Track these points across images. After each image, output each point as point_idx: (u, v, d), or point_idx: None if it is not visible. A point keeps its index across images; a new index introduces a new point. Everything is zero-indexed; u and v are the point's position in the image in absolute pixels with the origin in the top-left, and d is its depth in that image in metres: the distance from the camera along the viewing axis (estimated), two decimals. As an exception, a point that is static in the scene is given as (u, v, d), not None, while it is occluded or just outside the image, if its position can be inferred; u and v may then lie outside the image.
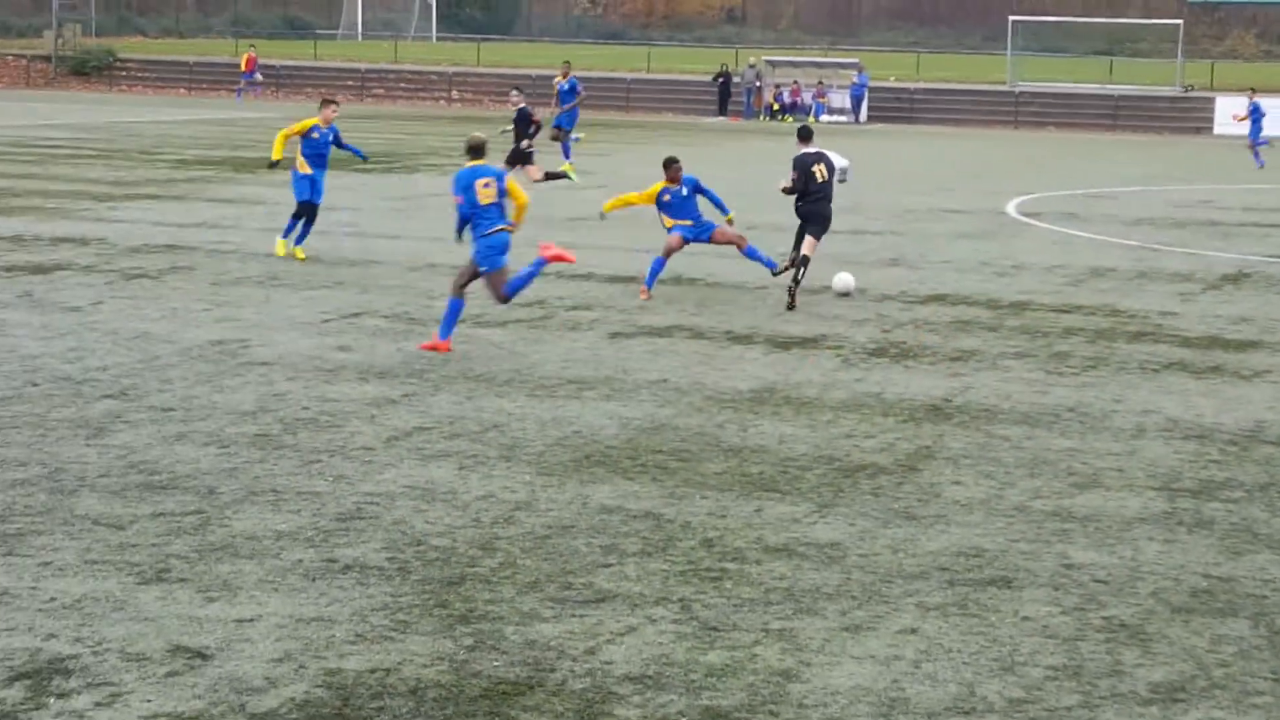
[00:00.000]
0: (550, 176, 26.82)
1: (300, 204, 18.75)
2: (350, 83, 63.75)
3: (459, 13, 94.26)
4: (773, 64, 61.81)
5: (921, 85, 60.33)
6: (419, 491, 9.53)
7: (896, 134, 51.09)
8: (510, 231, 13.73)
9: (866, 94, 57.05)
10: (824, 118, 56.71)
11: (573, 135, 31.70)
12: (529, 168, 26.40)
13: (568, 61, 35.09)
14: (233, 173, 29.79)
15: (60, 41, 68.21)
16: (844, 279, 17.56)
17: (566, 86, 32.19)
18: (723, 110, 57.23)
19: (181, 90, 63.96)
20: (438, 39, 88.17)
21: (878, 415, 11.79)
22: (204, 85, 63.64)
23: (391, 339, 14.18)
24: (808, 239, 16.89)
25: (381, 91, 64.10)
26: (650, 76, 63.85)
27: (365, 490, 9.52)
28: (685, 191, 16.98)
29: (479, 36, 79.52)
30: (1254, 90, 41.25)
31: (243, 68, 60.32)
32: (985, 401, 12.33)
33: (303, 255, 18.75)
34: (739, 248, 17.39)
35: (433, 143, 40.29)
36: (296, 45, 73.74)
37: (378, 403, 11.74)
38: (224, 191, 26.39)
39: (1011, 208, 27.18)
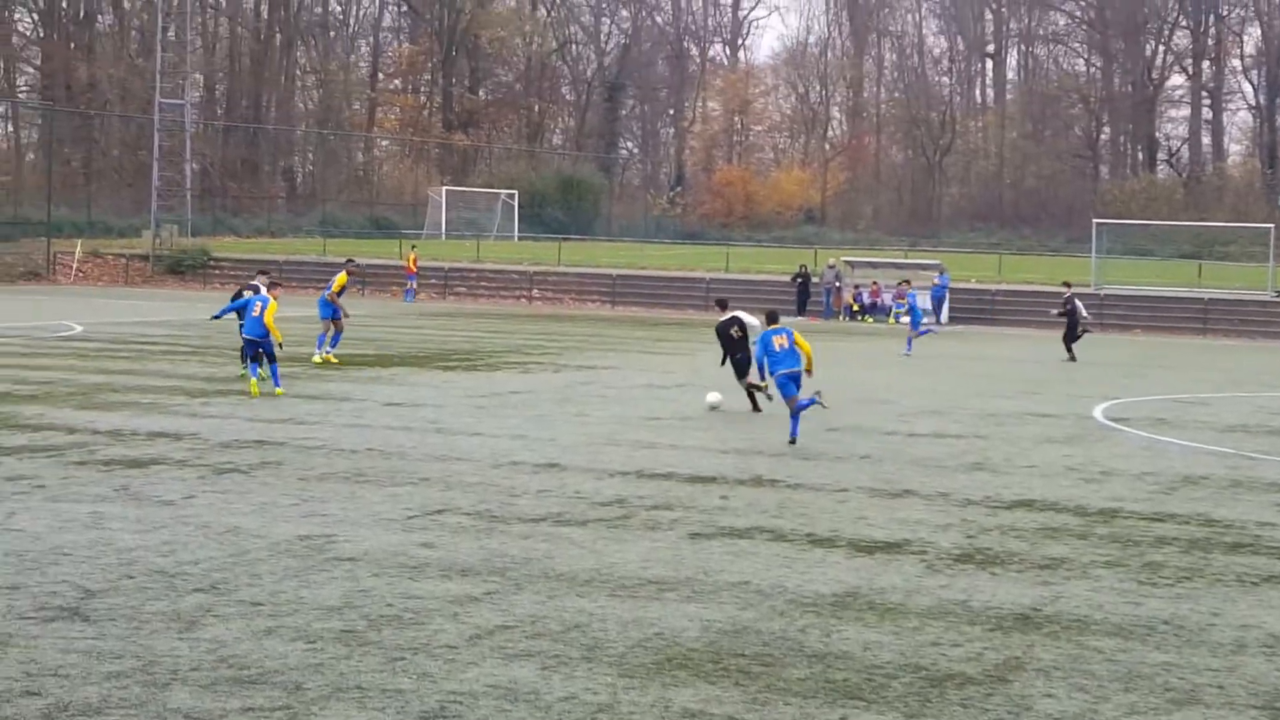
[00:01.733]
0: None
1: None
2: (434, 280, 64.82)
3: (541, 213, 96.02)
4: (852, 264, 62.22)
5: (1003, 286, 60.46)
6: (501, 691, 9.50)
7: (978, 336, 51.17)
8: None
9: (948, 295, 57.15)
10: (904, 319, 56.92)
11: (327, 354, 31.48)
12: None
13: (351, 259, 39.08)
14: (319, 370, 30.24)
15: (158, 241, 70.31)
16: (714, 396, 24.86)
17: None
18: (801, 310, 57.50)
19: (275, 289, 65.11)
20: (519, 238, 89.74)
21: (964, 623, 11.65)
22: (293, 283, 64.50)
23: (474, 536, 14.23)
24: (747, 379, 24.73)
25: (464, 289, 65.11)
26: (729, 276, 64.41)
27: (449, 689, 9.50)
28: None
29: (559, 236, 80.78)
30: (908, 282, 44.19)
31: (408, 269, 61.29)
32: (1076, 611, 12.15)
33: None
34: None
35: (515, 340, 40.77)
36: (382, 244, 75.29)
37: (460, 600, 11.76)
38: (310, 388, 26.77)
39: (1099, 412, 27.01)
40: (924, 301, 57.65)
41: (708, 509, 16.17)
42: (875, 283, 59.62)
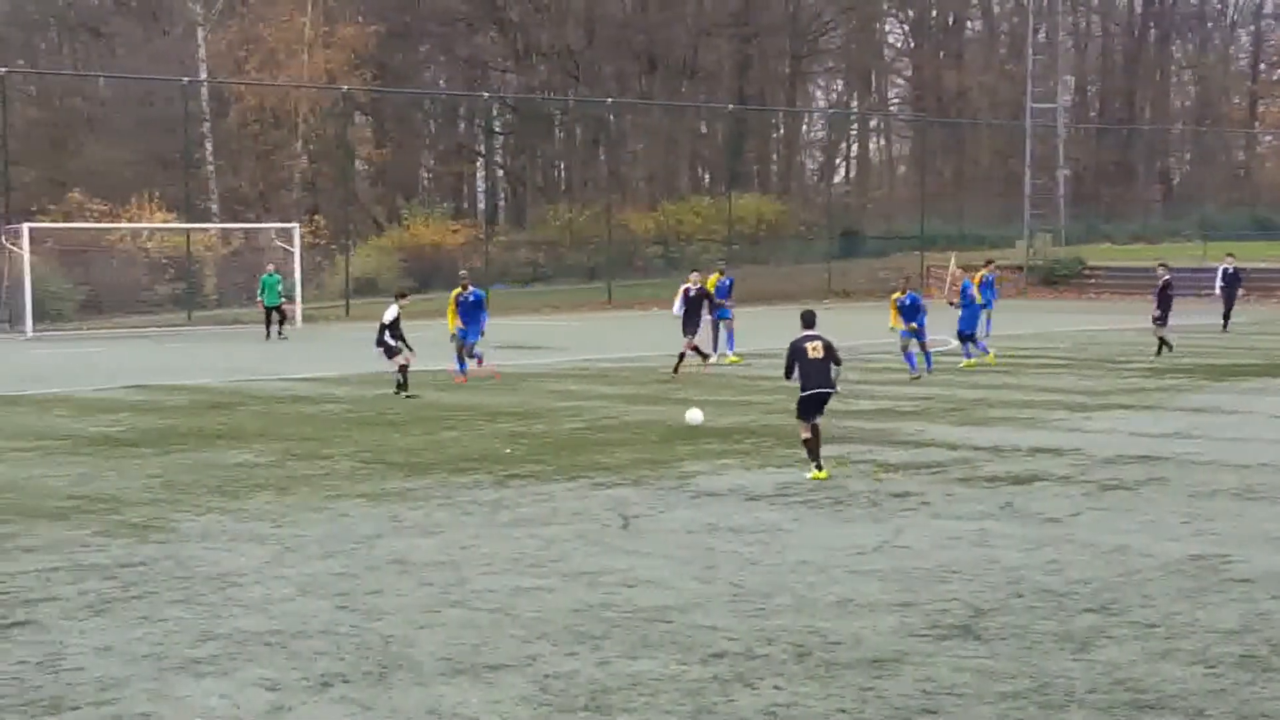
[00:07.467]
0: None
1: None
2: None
3: None
4: None
5: None
6: None
7: None
8: None
9: None
10: None
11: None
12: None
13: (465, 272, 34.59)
14: (1204, 380, 29.36)
15: (1031, 251, 70.40)
16: (694, 414, 21.39)
17: None
18: None
19: (1150, 295, 63.81)
20: None
21: None
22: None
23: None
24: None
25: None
26: None
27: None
28: None
29: None
30: None
31: None
32: None
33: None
34: None
35: None
36: (1264, 246, 71.64)
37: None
38: (1195, 400, 26.05)
39: None
40: None
41: None
42: None
